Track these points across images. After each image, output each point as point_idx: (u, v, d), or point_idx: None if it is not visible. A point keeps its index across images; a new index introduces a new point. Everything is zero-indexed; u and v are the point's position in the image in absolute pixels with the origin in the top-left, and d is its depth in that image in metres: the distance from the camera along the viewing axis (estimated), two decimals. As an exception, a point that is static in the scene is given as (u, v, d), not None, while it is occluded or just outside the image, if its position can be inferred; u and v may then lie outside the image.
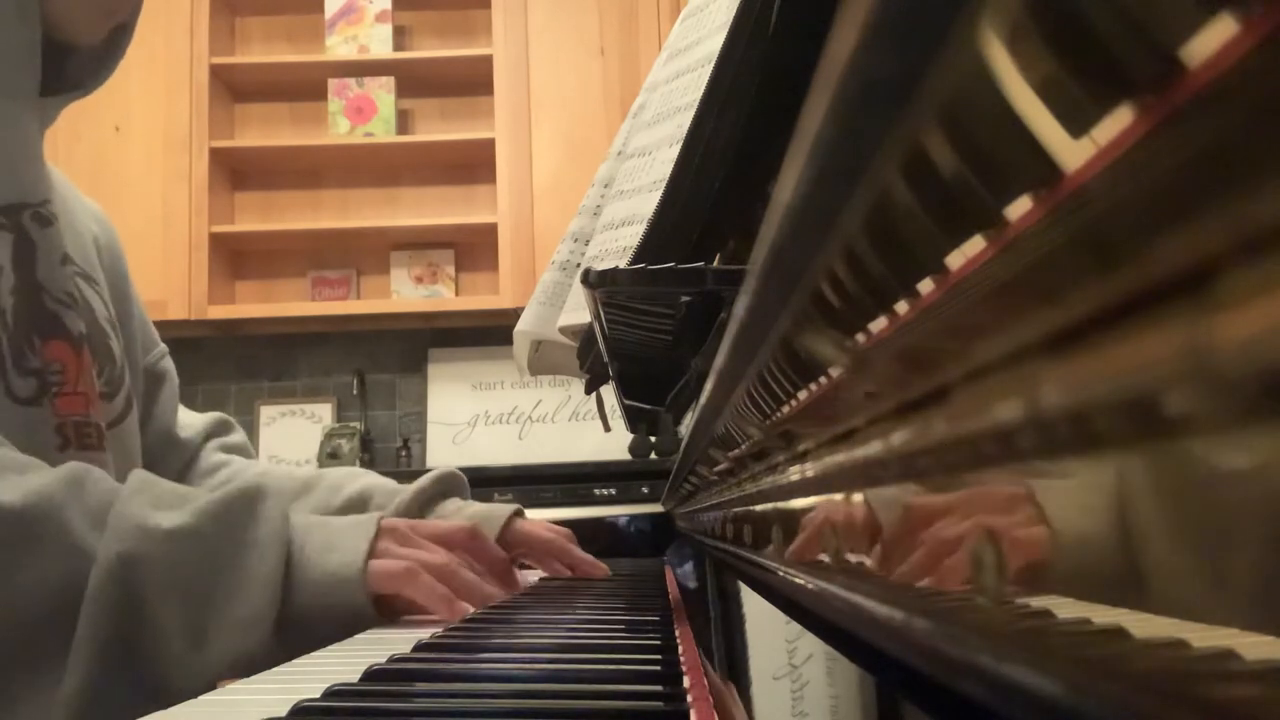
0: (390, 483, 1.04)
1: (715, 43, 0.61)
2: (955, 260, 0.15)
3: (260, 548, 0.71)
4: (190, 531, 0.69)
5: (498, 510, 0.97)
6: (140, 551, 0.66)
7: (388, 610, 0.76)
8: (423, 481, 1.01)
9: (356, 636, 0.75)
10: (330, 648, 0.68)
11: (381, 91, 2.95)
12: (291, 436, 2.99)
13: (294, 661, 0.62)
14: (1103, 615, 0.12)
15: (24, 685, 0.65)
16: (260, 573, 0.70)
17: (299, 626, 0.71)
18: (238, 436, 1.14)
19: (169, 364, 1.08)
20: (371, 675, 0.52)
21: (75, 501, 0.67)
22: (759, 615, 0.44)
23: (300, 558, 0.73)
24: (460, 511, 0.98)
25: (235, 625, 0.68)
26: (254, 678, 0.56)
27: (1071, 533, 0.13)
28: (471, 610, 0.79)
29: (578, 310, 0.78)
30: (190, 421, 1.10)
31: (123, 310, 0.97)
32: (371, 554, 0.75)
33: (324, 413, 3.02)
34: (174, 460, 1.06)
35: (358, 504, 1.00)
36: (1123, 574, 0.12)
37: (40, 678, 0.65)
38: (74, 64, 0.87)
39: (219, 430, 1.12)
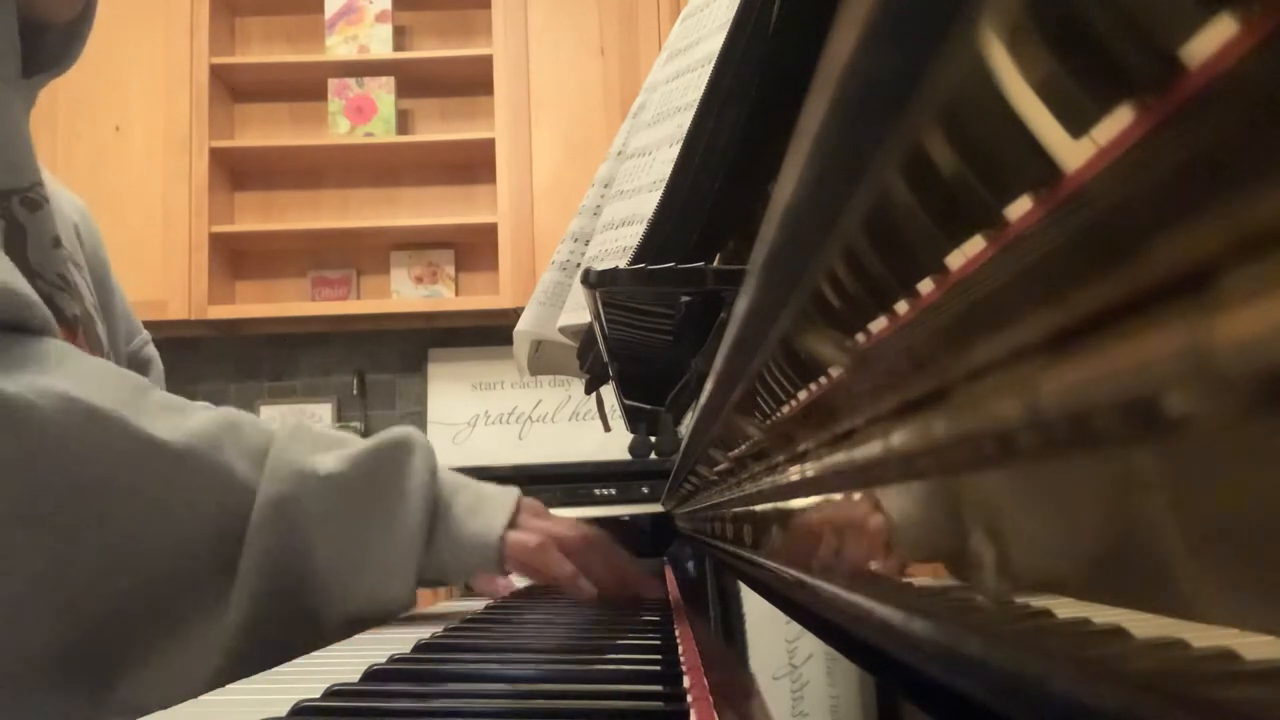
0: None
1: (715, 43, 0.61)
2: (955, 260, 0.15)
3: (409, 498, 0.75)
4: (344, 478, 0.73)
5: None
6: (298, 494, 0.70)
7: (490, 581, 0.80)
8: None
9: (356, 636, 0.75)
10: (330, 648, 0.68)
11: (381, 91, 2.95)
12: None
13: (294, 661, 0.62)
14: (1103, 615, 0.12)
15: (191, 609, 0.68)
16: (408, 524, 0.74)
17: (434, 578, 0.76)
18: None
19: (153, 350, 1.07)
20: (371, 675, 0.52)
21: (233, 441, 0.70)
22: (759, 615, 0.44)
23: (446, 515, 0.77)
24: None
25: (382, 569, 0.72)
26: (254, 677, 0.56)
27: (1072, 532, 0.13)
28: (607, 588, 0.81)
29: (578, 310, 0.78)
30: None
31: (105, 298, 0.97)
32: (511, 524, 0.78)
33: (324, 413, 3.02)
34: None
35: None
36: (1123, 574, 0.12)
37: (206, 607, 0.68)
38: (48, 42, 0.87)
39: None
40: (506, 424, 2.96)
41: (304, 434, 0.74)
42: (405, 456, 0.76)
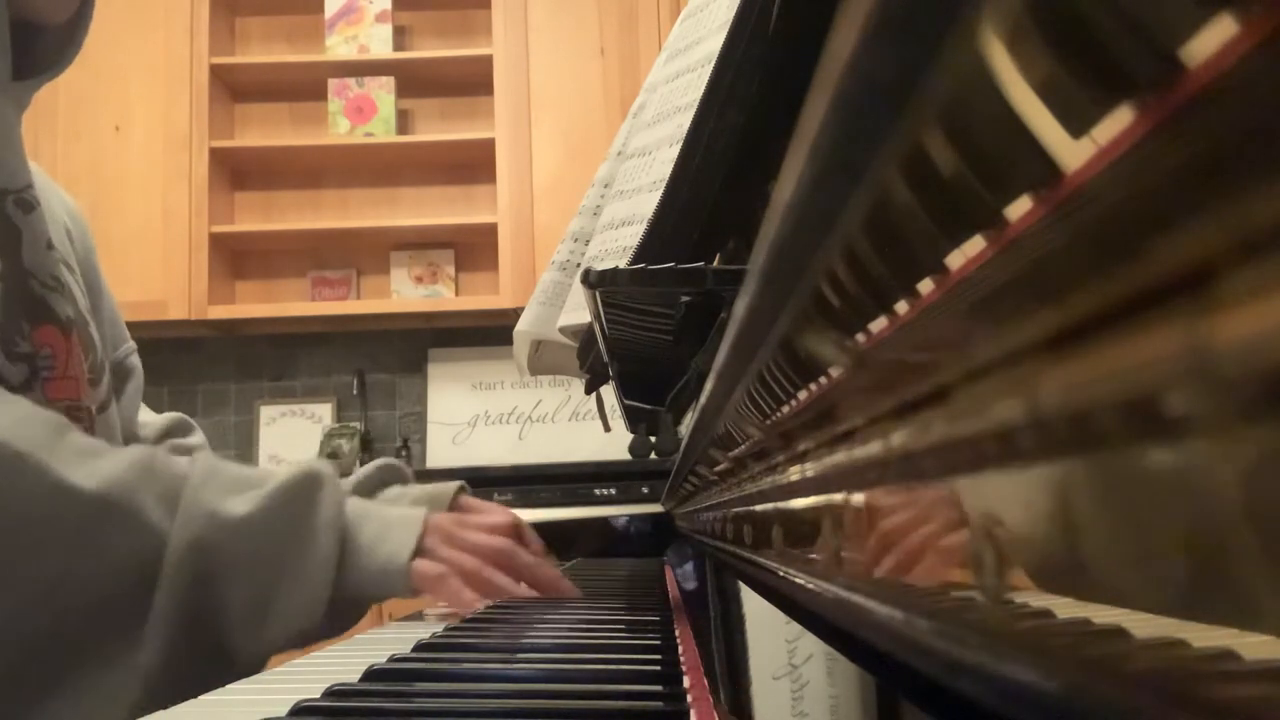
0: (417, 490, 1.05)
1: (715, 43, 0.61)
2: (955, 260, 0.15)
3: (319, 534, 0.76)
4: (258, 519, 0.74)
5: (442, 489, 0.98)
6: (212, 539, 0.71)
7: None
8: (363, 471, 1.01)
9: (356, 637, 0.75)
10: (330, 648, 0.68)
11: (381, 91, 2.95)
12: (291, 436, 2.99)
13: (294, 661, 0.62)
14: (1103, 615, 0.12)
15: (107, 659, 0.69)
16: (317, 559, 0.75)
17: (348, 607, 0.77)
18: (196, 437, 1.12)
19: (136, 361, 1.07)
20: (371, 675, 0.52)
21: (147, 486, 0.71)
22: (759, 615, 0.44)
23: (353, 546, 0.78)
24: (404, 495, 0.98)
25: (294, 606, 0.73)
26: (254, 677, 0.56)
27: (1072, 532, 0.13)
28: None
29: (578, 310, 0.78)
30: (149, 420, 1.09)
31: (95, 303, 0.97)
32: (418, 551, 0.80)
33: (324, 413, 3.02)
34: None
35: None
36: (1123, 574, 0.12)
37: (121, 652, 0.69)
38: (42, 45, 0.87)
39: (176, 430, 1.11)
40: (506, 424, 2.96)
41: (217, 475, 0.75)
42: (314, 493, 0.77)
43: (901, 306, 0.17)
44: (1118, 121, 0.10)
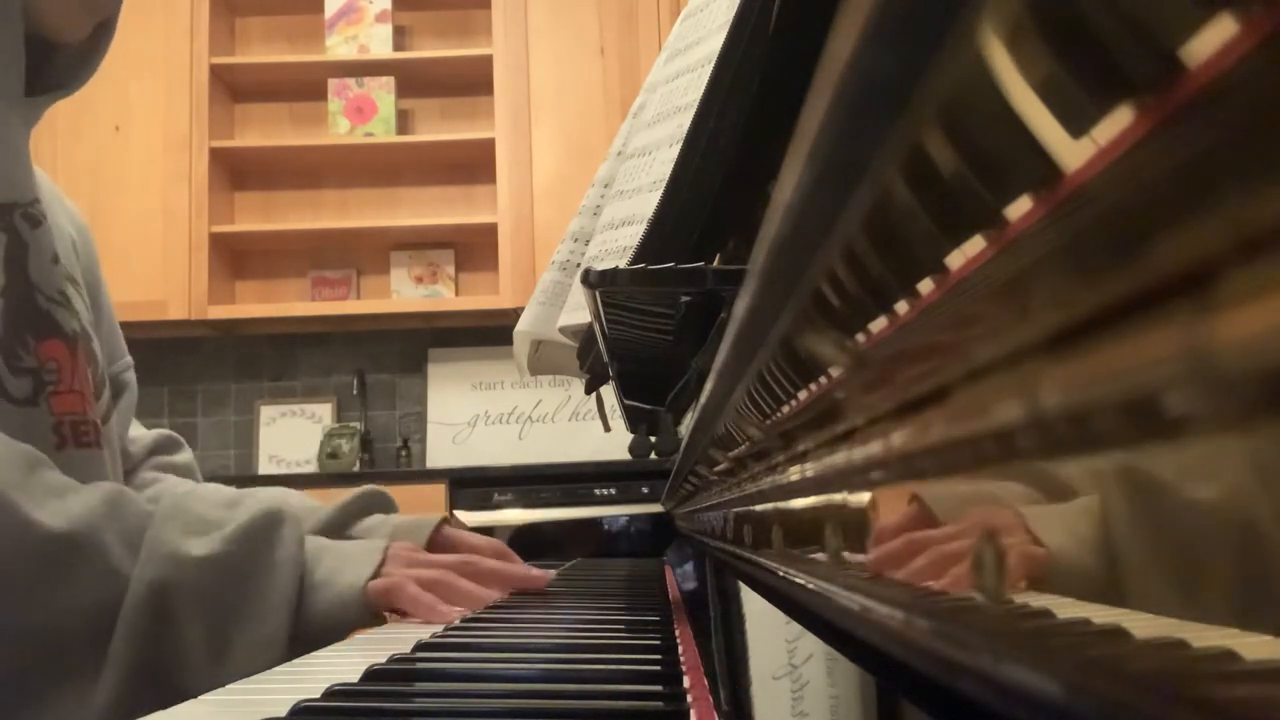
0: (312, 501, 1.03)
1: (715, 43, 0.61)
2: (955, 260, 0.15)
3: (278, 572, 0.76)
4: (218, 559, 0.74)
5: (424, 520, 0.97)
6: (172, 579, 0.71)
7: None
8: (345, 499, 1.00)
9: (356, 637, 0.75)
10: (330, 648, 0.68)
11: (381, 91, 2.95)
12: (291, 436, 2.99)
13: (294, 661, 0.62)
14: (1103, 615, 0.12)
15: (60, 696, 0.69)
16: (276, 596, 0.76)
17: (308, 642, 0.76)
18: (183, 456, 1.11)
19: (132, 376, 1.06)
20: (371, 675, 0.52)
21: (112, 526, 0.72)
22: (759, 615, 0.44)
23: (311, 581, 0.78)
24: (385, 524, 0.97)
25: (254, 644, 0.73)
26: (254, 677, 0.56)
27: (1072, 533, 0.13)
28: (459, 611, 0.82)
29: (578, 310, 0.78)
30: (137, 436, 1.08)
31: (96, 316, 0.96)
32: (375, 576, 0.80)
33: (324, 413, 3.02)
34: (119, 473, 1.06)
35: None
36: (1123, 574, 0.12)
37: (75, 689, 0.69)
38: (58, 63, 0.87)
39: (163, 448, 1.09)
40: (506, 424, 2.96)
41: (179, 514, 0.76)
42: (274, 531, 0.78)
43: (901, 306, 0.17)
44: (1118, 121, 0.10)
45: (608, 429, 1.03)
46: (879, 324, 0.18)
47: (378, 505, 1.01)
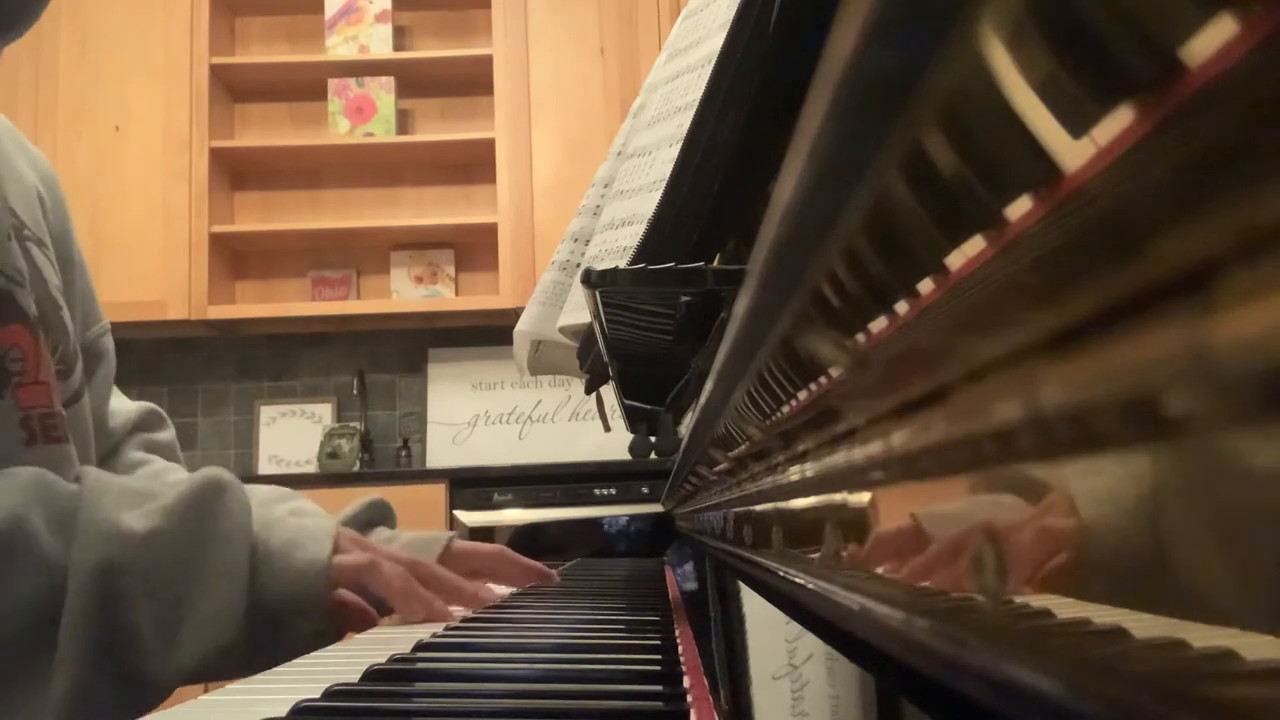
0: (317, 507, 0.99)
1: (715, 43, 0.61)
2: (955, 260, 0.15)
3: (225, 543, 0.72)
4: (162, 533, 0.70)
5: (433, 537, 0.95)
6: (117, 559, 0.67)
7: (341, 617, 0.77)
8: (351, 508, 0.98)
9: (356, 636, 0.75)
10: (330, 648, 0.68)
11: (381, 91, 2.95)
12: (291, 436, 2.99)
13: (294, 661, 0.62)
14: (1103, 615, 0.12)
15: (15, 690, 0.65)
16: (226, 568, 0.71)
17: (267, 620, 0.73)
18: (166, 434, 1.06)
19: (109, 342, 0.99)
20: (371, 675, 0.52)
21: (38, 513, 0.67)
22: (759, 615, 0.44)
23: (265, 552, 0.74)
24: (394, 539, 0.95)
25: (205, 620, 0.69)
26: (254, 677, 0.56)
27: (1071, 533, 0.13)
28: (435, 605, 0.80)
29: (578, 310, 0.78)
30: (120, 408, 1.02)
31: (68, 276, 0.89)
32: (335, 551, 0.77)
33: (324, 413, 3.02)
34: (98, 447, 0.98)
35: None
36: (1123, 574, 0.12)
37: (26, 691, 0.65)
38: (4, 5, 0.78)
39: (147, 423, 1.04)
40: (506, 424, 2.96)
41: (109, 491, 0.71)
42: (216, 499, 0.73)
43: (901, 306, 0.17)
44: (1118, 121, 0.10)
45: (608, 429, 1.03)
46: (879, 324, 0.18)
47: (381, 517, 1.00)
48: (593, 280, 0.51)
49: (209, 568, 0.71)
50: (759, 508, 0.41)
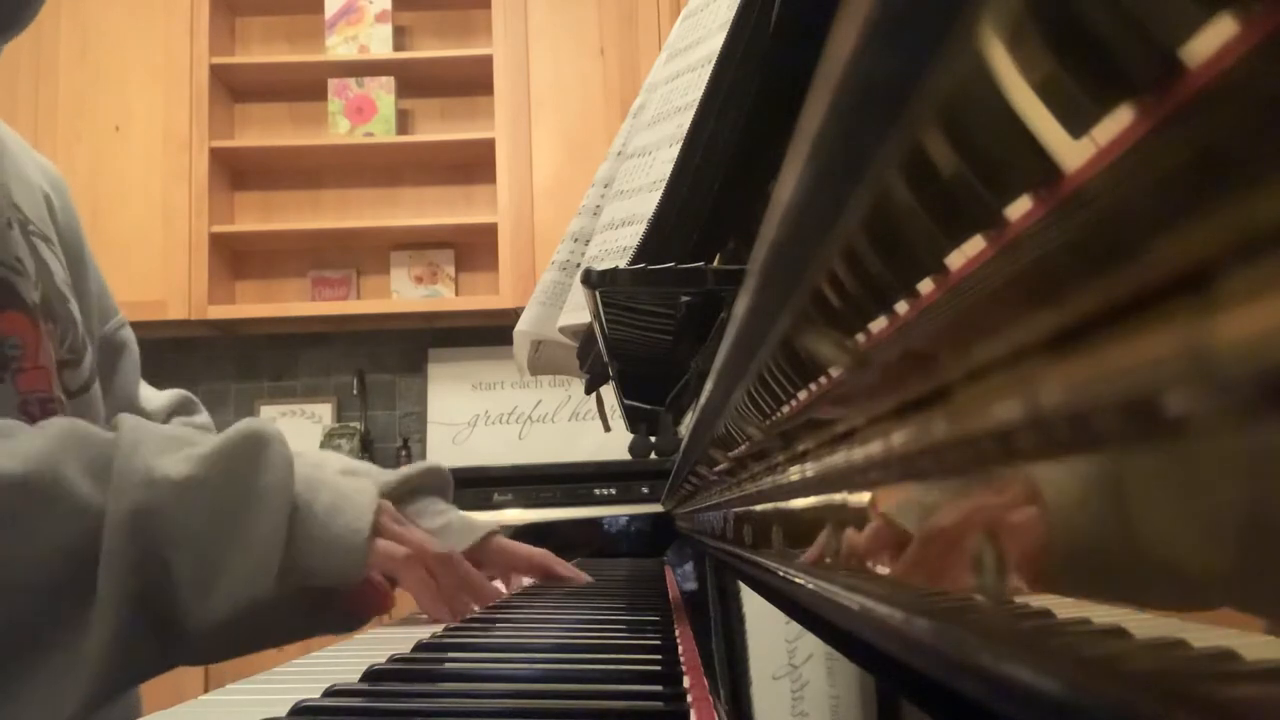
0: (373, 466, 1.00)
1: (715, 43, 0.61)
2: (955, 260, 0.15)
3: (265, 498, 0.71)
4: (199, 481, 0.69)
5: (478, 524, 0.95)
6: (153, 504, 0.66)
7: (366, 594, 0.77)
8: (411, 469, 0.97)
9: (356, 636, 0.75)
10: (330, 648, 0.68)
11: (381, 91, 2.95)
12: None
13: (294, 661, 0.62)
14: (1103, 615, 0.12)
15: (51, 638, 0.65)
16: (265, 523, 0.70)
17: (298, 577, 0.72)
18: (203, 417, 1.08)
19: (129, 333, 1.00)
20: (371, 675, 0.52)
21: (73, 460, 0.66)
22: (759, 615, 0.44)
23: (307, 514, 0.73)
24: (444, 514, 0.95)
25: (240, 573, 0.69)
26: (254, 677, 0.56)
27: (1071, 533, 0.13)
28: (461, 611, 0.80)
29: (578, 310, 0.78)
30: (152, 396, 1.03)
31: (78, 275, 0.90)
32: (375, 527, 0.76)
33: (324, 413, 3.02)
34: None
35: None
36: (1123, 574, 0.12)
37: (66, 631, 0.65)
38: (3, 3, 0.78)
39: (183, 408, 1.06)
40: (506, 424, 2.96)
41: (147, 437, 0.70)
42: (258, 452, 0.72)
43: (901, 306, 0.17)
44: (1118, 121, 0.10)
45: (608, 429, 1.03)
46: (879, 324, 0.18)
47: (440, 487, 1.00)
48: (593, 280, 0.51)
49: (247, 522, 0.70)
50: (759, 508, 0.41)
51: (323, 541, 0.73)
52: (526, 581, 1.08)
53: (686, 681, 0.49)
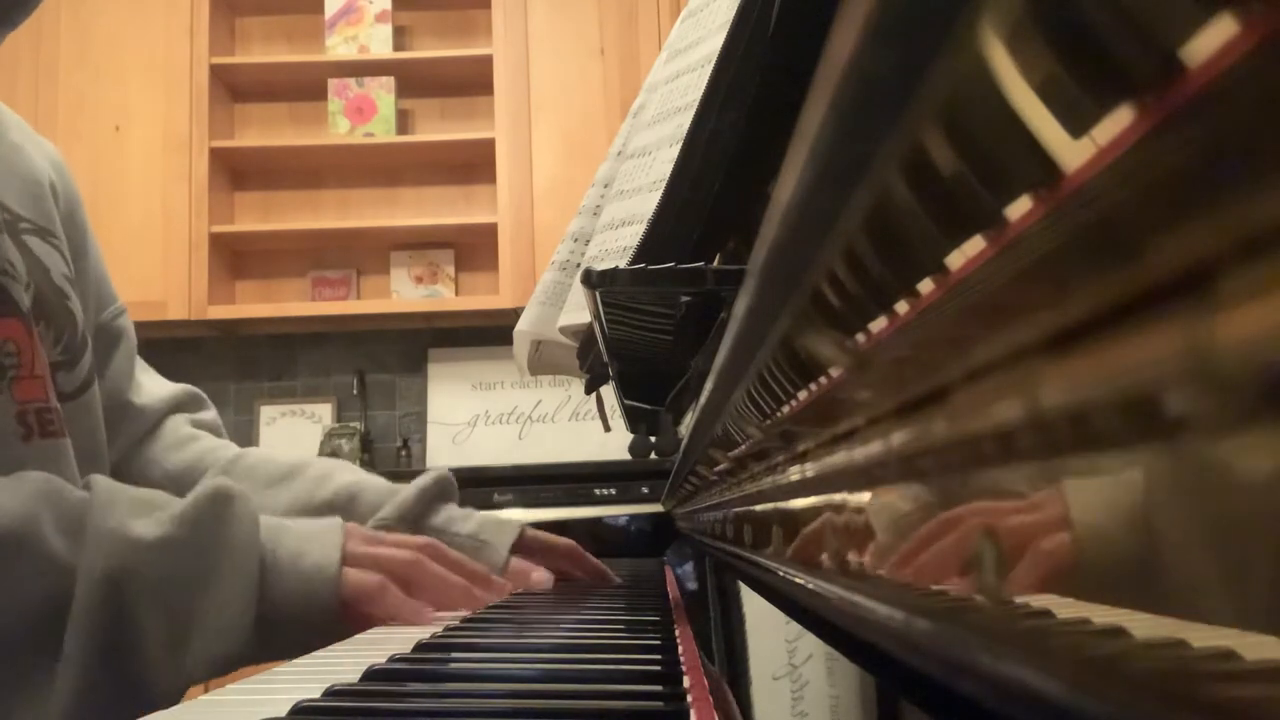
0: (381, 481, 0.99)
1: (715, 43, 0.61)
2: (955, 260, 0.15)
3: (234, 552, 0.71)
4: (172, 541, 0.69)
5: (506, 524, 0.95)
6: (128, 564, 0.67)
7: (353, 615, 0.77)
8: (423, 481, 0.97)
9: (356, 636, 0.75)
10: (330, 648, 0.68)
11: (381, 91, 2.95)
12: (291, 436, 2.99)
13: (294, 661, 0.62)
14: (1103, 615, 0.12)
15: (15, 693, 0.65)
16: (236, 578, 0.71)
17: (274, 627, 0.72)
18: (209, 413, 1.07)
19: (126, 322, 0.99)
20: (371, 675, 0.52)
21: (48, 515, 0.66)
22: (759, 615, 0.44)
23: (273, 561, 0.73)
24: (470, 518, 0.95)
25: (214, 629, 0.69)
26: (254, 678, 0.56)
27: (1071, 533, 0.13)
28: (458, 597, 0.80)
29: (578, 310, 0.78)
30: (153, 388, 1.02)
31: (79, 264, 0.89)
32: (344, 559, 0.76)
33: (324, 413, 3.02)
34: (129, 429, 0.98)
35: (344, 501, 0.95)
36: (1123, 574, 0.12)
37: (30, 687, 0.65)
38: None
39: (189, 404, 1.05)
40: (506, 424, 2.96)
41: (118, 497, 0.71)
42: (225, 509, 0.72)
43: (901, 306, 0.17)
44: (1118, 121, 0.10)
45: (608, 429, 1.03)
46: (879, 324, 0.18)
47: (450, 493, 0.99)
48: (593, 280, 0.51)
49: (217, 578, 0.70)
50: (759, 508, 0.41)
51: (292, 584, 0.73)
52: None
53: (686, 681, 0.49)
